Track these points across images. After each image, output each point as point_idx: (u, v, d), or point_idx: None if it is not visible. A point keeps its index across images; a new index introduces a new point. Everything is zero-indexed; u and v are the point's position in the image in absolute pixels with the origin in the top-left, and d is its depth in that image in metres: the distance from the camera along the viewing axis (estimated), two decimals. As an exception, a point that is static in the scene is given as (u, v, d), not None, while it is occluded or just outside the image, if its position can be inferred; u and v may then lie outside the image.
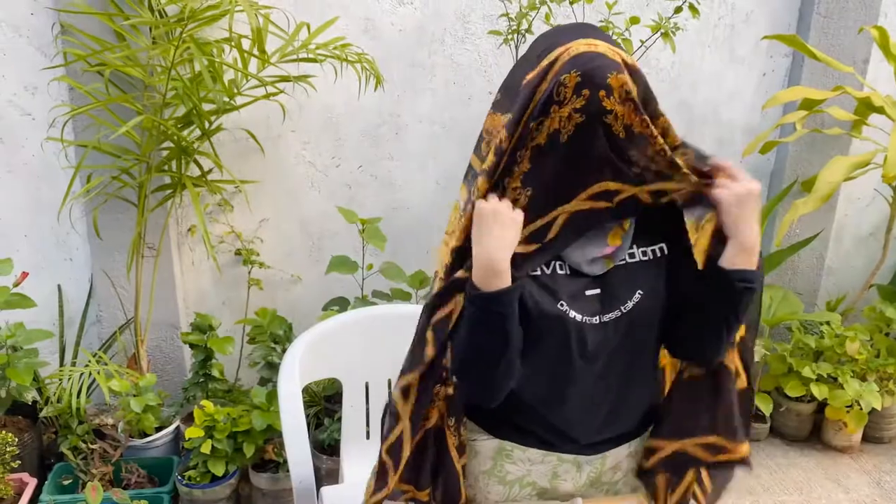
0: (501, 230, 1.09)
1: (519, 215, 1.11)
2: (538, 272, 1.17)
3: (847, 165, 2.67)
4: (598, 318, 1.16)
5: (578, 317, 1.15)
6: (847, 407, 2.84)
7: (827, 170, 2.67)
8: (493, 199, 1.11)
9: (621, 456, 1.32)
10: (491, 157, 1.14)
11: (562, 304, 1.15)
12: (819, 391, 2.83)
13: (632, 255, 1.20)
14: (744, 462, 1.30)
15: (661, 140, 1.11)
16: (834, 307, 3.20)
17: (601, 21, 2.51)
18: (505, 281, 1.10)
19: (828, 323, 3.00)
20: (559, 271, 1.18)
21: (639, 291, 1.18)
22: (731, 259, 1.14)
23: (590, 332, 1.16)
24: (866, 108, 2.82)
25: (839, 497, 2.71)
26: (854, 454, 3.00)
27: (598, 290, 1.18)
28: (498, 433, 1.28)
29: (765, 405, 2.92)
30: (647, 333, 1.24)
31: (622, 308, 1.17)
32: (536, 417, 1.24)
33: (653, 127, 1.10)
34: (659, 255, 1.22)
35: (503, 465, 1.29)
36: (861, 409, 2.81)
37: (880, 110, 2.74)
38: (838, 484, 2.80)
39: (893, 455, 3.01)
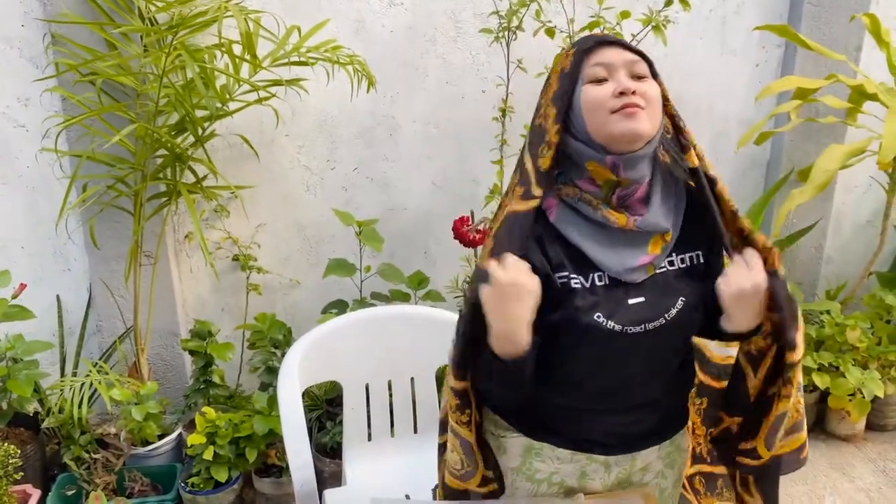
0: (519, 306, 1.06)
1: (535, 280, 1.07)
2: (578, 285, 1.15)
3: (842, 153, 2.67)
4: (643, 326, 1.15)
5: (618, 327, 1.14)
6: (849, 395, 2.84)
7: (823, 158, 2.67)
8: (509, 261, 1.07)
9: (652, 457, 1.32)
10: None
11: (598, 316, 1.13)
12: (821, 381, 2.82)
13: (671, 263, 1.19)
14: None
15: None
16: (834, 296, 3.19)
17: (592, 16, 2.51)
18: (522, 346, 1.08)
19: (828, 312, 3.00)
20: (598, 282, 1.15)
21: (681, 299, 1.17)
22: (726, 325, 1.19)
23: (628, 340, 1.15)
24: (860, 95, 2.82)
25: (844, 486, 2.71)
26: (858, 443, 3.00)
27: (642, 299, 1.16)
28: (527, 431, 1.29)
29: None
30: (684, 338, 1.25)
31: (666, 316, 1.16)
32: (568, 420, 1.25)
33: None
34: (696, 262, 1.22)
35: (532, 463, 1.29)
36: (864, 397, 2.81)
37: (874, 97, 2.74)
38: (843, 473, 2.79)
39: (897, 442, 3.01)
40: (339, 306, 2.63)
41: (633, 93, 1.10)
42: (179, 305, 2.68)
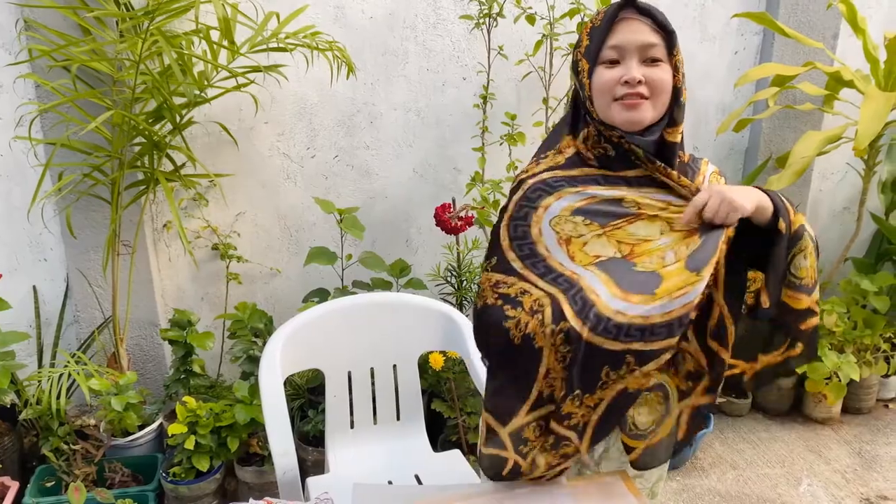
0: None
1: None
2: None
3: (819, 140, 2.69)
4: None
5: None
6: (826, 379, 2.88)
7: (800, 145, 2.70)
8: None
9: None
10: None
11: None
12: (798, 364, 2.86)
13: None
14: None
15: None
16: (811, 281, 3.23)
17: (572, 3, 2.51)
18: None
19: (805, 297, 3.03)
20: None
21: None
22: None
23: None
24: (836, 82, 2.85)
25: (821, 468, 2.75)
26: (834, 426, 3.05)
27: None
28: None
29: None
30: None
31: None
32: None
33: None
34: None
35: None
36: (840, 380, 2.85)
37: (850, 84, 2.77)
38: (819, 455, 2.84)
39: (873, 425, 3.06)
40: (321, 295, 2.62)
41: (640, 82, 1.14)
42: (158, 295, 2.66)
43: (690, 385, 1.29)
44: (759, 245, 1.21)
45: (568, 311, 1.15)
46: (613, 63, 1.17)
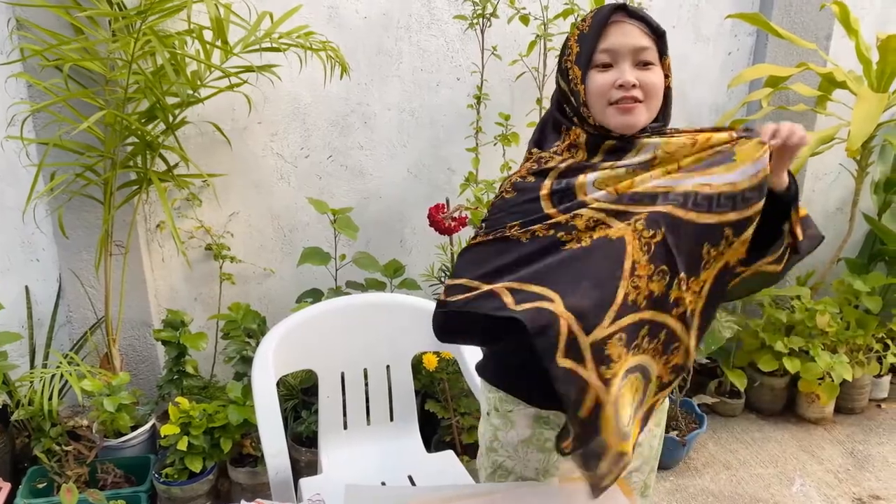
0: None
1: None
2: None
3: (813, 141, 2.70)
4: None
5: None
6: (819, 379, 2.89)
7: (793, 146, 2.70)
8: None
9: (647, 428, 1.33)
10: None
11: None
12: (791, 365, 2.87)
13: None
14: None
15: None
16: (804, 282, 3.24)
17: (566, 3, 2.51)
18: None
19: (798, 297, 3.04)
20: None
21: None
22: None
23: None
24: (829, 83, 2.86)
25: (814, 468, 2.76)
26: (827, 426, 3.06)
27: None
28: (534, 401, 1.30)
29: (739, 381, 2.96)
30: None
31: None
32: None
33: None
34: None
35: (542, 432, 1.31)
36: (832, 380, 2.86)
37: (843, 85, 2.78)
38: (812, 455, 2.84)
39: (865, 425, 3.07)
40: (314, 295, 2.62)
41: (634, 86, 1.15)
42: (151, 295, 2.65)
43: (671, 378, 1.25)
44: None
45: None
46: (606, 67, 1.17)
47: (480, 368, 1.40)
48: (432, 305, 2.05)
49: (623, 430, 1.10)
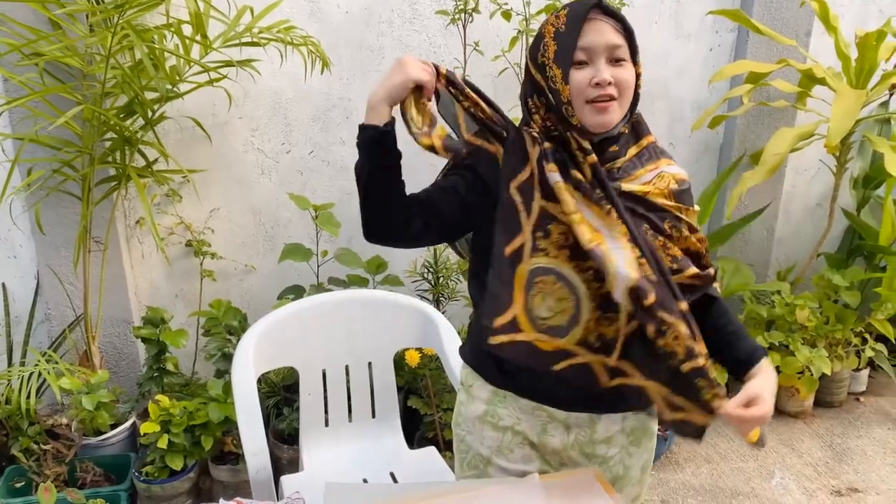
0: (390, 75, 1.24)
1: (418, 71, 1.26)
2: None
3: (792, 136, 2.72)
4: None
5: None
6: (798, 373, 2.92)
7: (773, 142, 2.73)
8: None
9: (614, 429, 1.34)
10: None
11: None
12: (771, 359, 2.89)
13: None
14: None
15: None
16: (784, 277, 3.27)
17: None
18: (382, 118, 1.28)
19: (778, 292, 3.07)
20: None
21: None
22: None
23: None
24: (809, 80, 2.88)
25: (793, 461, 2.78)
26: (807, 419, 3.09)
27: None
28: (491, 379, 1.34)
29: (720, 375, 2.97)
30: None
31: None
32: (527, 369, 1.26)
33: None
34: None
35: (496, 410, 1.33)
36: (812, 374, 2.89)
37: (822, 81, 2.80)
38: (792, 448, 2.87)
39: (844, 418, 3.10)
40: (296, 292, 2.61)
41: (610, 83, 1.16)
42: (131, 292, 2.62)
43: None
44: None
45: None
46: (581, 64, 1.17)
47: (460, 350, 1.46)
48: (415, 302, 2.06)
49: None
